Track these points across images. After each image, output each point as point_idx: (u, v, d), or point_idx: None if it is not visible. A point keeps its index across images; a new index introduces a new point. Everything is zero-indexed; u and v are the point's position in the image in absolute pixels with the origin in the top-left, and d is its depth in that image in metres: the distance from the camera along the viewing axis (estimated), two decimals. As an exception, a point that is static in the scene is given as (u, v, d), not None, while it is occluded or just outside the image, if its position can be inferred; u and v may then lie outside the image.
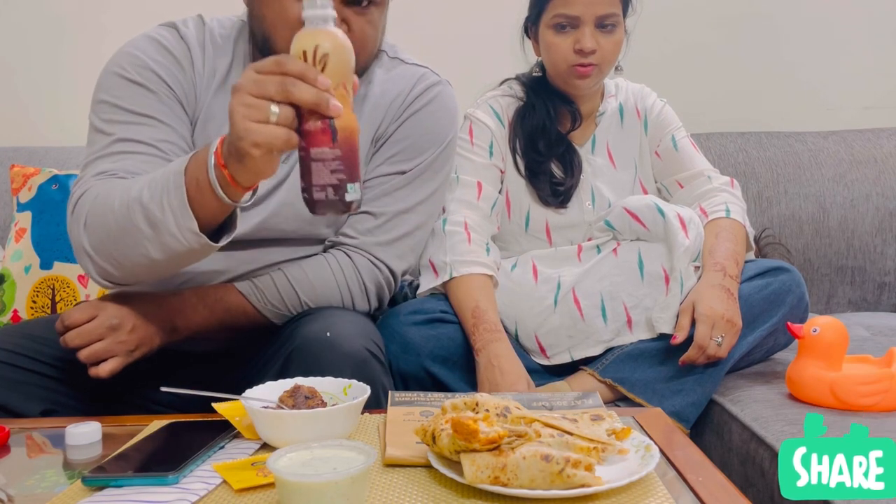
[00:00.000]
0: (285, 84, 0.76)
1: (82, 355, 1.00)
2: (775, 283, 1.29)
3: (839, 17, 2.08)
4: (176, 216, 0.89)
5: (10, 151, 1.97)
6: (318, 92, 0.76)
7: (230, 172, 0.84)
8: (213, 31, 1.15)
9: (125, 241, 0.95)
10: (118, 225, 0.94)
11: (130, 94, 1.08)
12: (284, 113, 0.77)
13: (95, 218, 0.98)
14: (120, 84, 1.08)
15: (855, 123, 2.02)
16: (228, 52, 1.14)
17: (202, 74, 1.12)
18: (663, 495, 0.70)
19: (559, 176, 1.43)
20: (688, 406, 1.23)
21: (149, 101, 1.08)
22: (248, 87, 0.78)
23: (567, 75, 1.38)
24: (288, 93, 0.76)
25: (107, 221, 0.96)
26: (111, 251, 0.97)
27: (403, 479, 0.75)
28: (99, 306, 1.02)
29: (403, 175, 1.18)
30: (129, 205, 0.93)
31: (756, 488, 1.07)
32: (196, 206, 0.88)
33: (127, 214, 0.93)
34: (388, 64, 1.21)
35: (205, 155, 0.87)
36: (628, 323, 1.29)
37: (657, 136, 1.49)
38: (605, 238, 1.38)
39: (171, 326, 1.07)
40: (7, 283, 1.72)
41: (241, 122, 0.78)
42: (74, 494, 0.73)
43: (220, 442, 0.84)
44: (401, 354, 1.23)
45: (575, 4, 1.33)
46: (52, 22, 2.12)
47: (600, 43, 1.34)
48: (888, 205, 1.84)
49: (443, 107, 1.21)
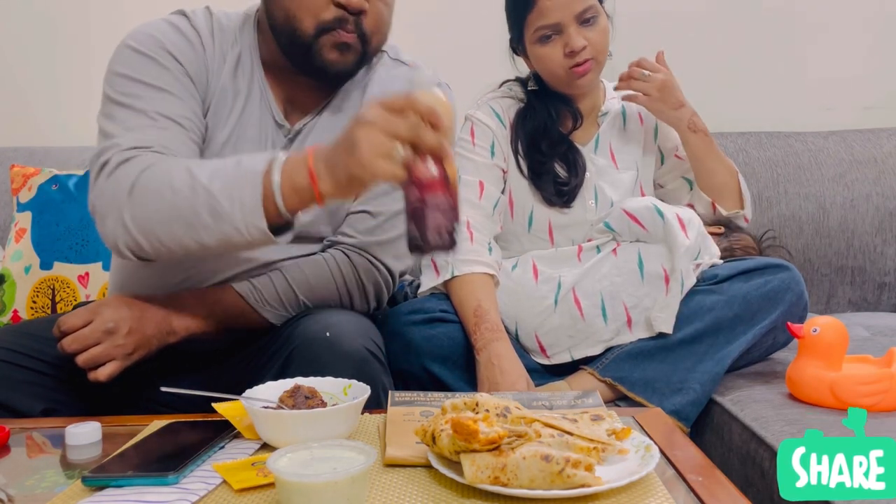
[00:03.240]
0: (415, 128, 0.82)
1: (80, 360, 1.00)
2: (774, 281, 1.29)
3: (839, 18, 2.08)
4: (245, 213, 0.91)
5: (10, 151, 1.98)
6: (440, 139, 0.82)
7: (320, 188, 0.88)
8: (221, 21, 1.16)
9: (178, 222, 0.94)
10: (174, 205, 0.94)
11: (148, 68, 1.07)
12: (406, 154, 0.83)
13: (146, 192, 0.96)
14: (137, 59, 1.08)
15: (855, 123, 2.02)
16: (237, 41, 1.15)
17: (213, 58, 1.13)
18: (663, 495, 0.70)
19: (563, 176, 1.43)
20: (688, 405, 1.23)
21: (165, 76, 1.07)
22: (380, 124, 0.83)
23: (567, 79, 1.38)
24: (416, 136, 0.82)
25: (162, 198, 0.95)
26: (155, 228, 0.96)
27: (403, 479, 0.75)
28: (95, 311, 1.02)
29: None
30: (193, 188, 0.93)
31: (756, 488, 1.07)
32: (267, 206, 0.91)
33: (190, 197, 0.93)
34: (390, 64, 1.22)
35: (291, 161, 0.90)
36: (628, 323, 1.29)
37: (670, 145, 1.52)
38: (604, 239, 1.38)
39: (169, 328, 1.07)
40: (7, 283, 1.72)
41: (369, 154, 0.83)
42: (74, 494, 0.73)
43: (220, 442, 0.84)
44: (401, 354, 1.23)
45: (551, 12, 1.34)
46: (53, 22, 2.12)
47: (588, 37, 1.35)
48: (888, 205, 1.84)
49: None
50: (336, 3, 1.04)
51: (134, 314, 1.04)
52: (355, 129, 0.84)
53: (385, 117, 0.83)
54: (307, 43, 1.06)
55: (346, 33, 1.06)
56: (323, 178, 0.88)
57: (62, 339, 1.00)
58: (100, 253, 1.71)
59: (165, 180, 0.95)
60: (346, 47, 1.07)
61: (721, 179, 1.46)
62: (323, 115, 1.16)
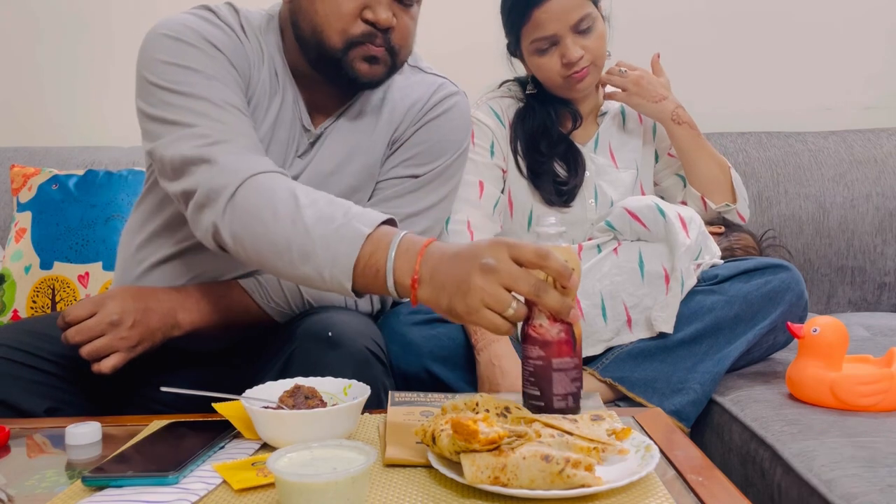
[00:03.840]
0: (538, 287, 0.77)
1: (84, 352, 1.00)
2: (774, 281, 1.29)
3: (839, 18, 2.08)
4: (333, 268, 0.87)
5: (10, 151, 1.98)
6: (563, 298, 0.78)
7: (417, 293, 0.83)
8: (248, 18, 1.13)
9: (268, 246, 0.92)
10: (270, 230, 0.91)
11: (196, 56, 1.03)
12: (520, 311, 0.78)
13: (247, 204, 0.94)
14: (182, 47, 1.03)
15: (855, 123, 2.02)
16: (264, 41, 1.13)
17: (252, 52, 1.10)
18: (663, 495, 0.70)
19: (563, 175, 1.43)
20: (688, 405, 1.23)
21: (215, 65, 1.04)
22: (503, 276, 0.77)
23: (565, 86, 1.39)
24: (538, 296, 0.77)
25: (261, 219, 0.92)
26: (245, 240, 0.94)
27: (403, 479, 0.75)
28: (99, 302, 1.02)
29: (416, 179, 1.19)
30: (294, 222, 0.90)
31: (756, 488, 1.07)
32: (358, 271, 0.87)
33: (289, 230, 0.90)
34: (409, 71, 1.22)
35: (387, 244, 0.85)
36: (628, 322, 1.29)
37: (665, 145, 1.54)
38: (605, 238, 1.38)
39: (174, 322, 1.07)
40: (7, 283, 1.72)
41: (478, 304, 0.77)
42: (74, 494, 0.73)
43: (220, 442, 0.84)
44: (401, 354, 1.23)
45: (547, 24, 1.34)
46: (53, 22, 2.12)
47: (585, 45, 1.35)
48: (888, 205, 1.84)
49: (458, 116, 1.22)
50: (364, 20, 1.04)
51: (139, 306, 1.03)
52: (474, 270, 0.78)
53: (509, 269, 0.77)
54: (336, 57, 1.05)
55: (374, 47, 1.05)
56: (425, 287, 0.82)
57: (66, 329, 1.00)
58: (100, 253, 1.71)
59: (269, 201, 0.92)
60: (375, 60, 1.06)
61: (708, 172, 1.47)
62: (342, 118, 1.16)
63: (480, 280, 0.77)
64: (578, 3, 1.33)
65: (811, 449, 0.96)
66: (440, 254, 0.83)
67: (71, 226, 1.73)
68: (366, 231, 0.87)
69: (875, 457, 0.91)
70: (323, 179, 1.13)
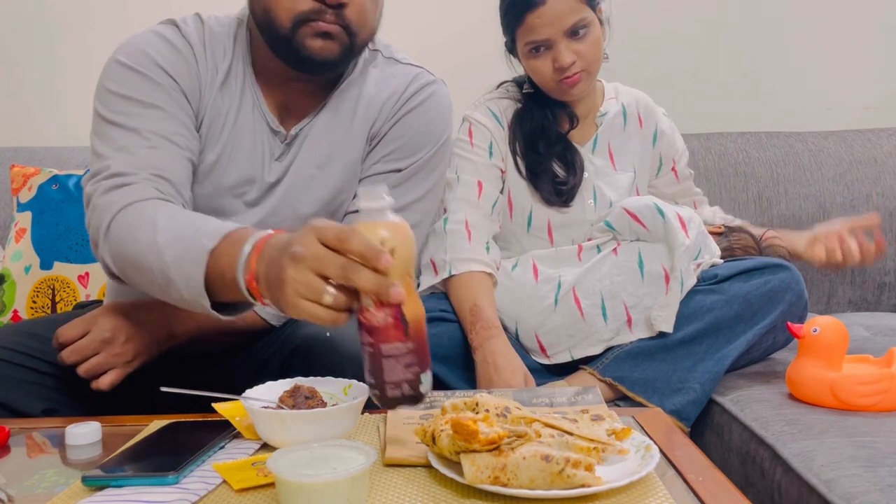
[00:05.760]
0: (346, 269, 0.69)
1: (81, 371, 1.00)
2: (774, 281, 1.29)
3: (839, 18, 2.08)
4: (188, 289, 0.85)
5: (10, 151, 1.98)
6: (379, 278, 0.69)
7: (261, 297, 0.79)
8: (213, 29, 1.14)
9: (140, 274, 0.93)
10: (136, 257, 0.92)
11: (139, 85, 1.05)
12: (339, 298, 0.71)
13: (118, 235, 0.95)
14: (128, 75, 1.06)
15: (855, 123, 2.03)
16: (228, 50, 1.13)
17: (206, 71, 1.11)
18: (663, 495, 0.70)
19: (561, 175, 1.43)
20: (688, 405, 1.24)
21: (157, 93, 1.06)
22: (310, 262, 0.70)
23: (558, 89, 1.39)
24: (348, 279, 0.69)
25: (127, 247, 0.93)
26: (126, 270, 0.96)
27: (403, 479, 0.75)
28: (91, 321, 1.02)
29: (399, 173, 1.17)
30: (150, 248, 0.89)
31: (756, 488, 1.07)
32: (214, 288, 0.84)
33: (147, 255, 0.90)
34: (383, 63, 1.20)
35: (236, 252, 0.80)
36: (628, 322, 1.29)
37: (669, 155, 1.54)
38: (605, 238, 1.38)
39: (168, 333, 1.07)
40: (7, 283, 1.72)
41: (292, 295, 0.71)
42: (74, 494, 0.73)
43: (220, 442, 0.84)
44: (401, 354, 1.23)
45: (541, 28, 1.33)
46: (53, 21, 2.13)
47: (578, 51, 1.34)
48: (888, 205, 1.84)
49: (437, 106, 1.20)
50: None
51: (130, 322, 1.03)
52: (285, 261, 0.72)
53: (315, 253, 0.70)
54: (286, 36, 1.04)
55: (325, 24, 1.03)
56: (262, 288, 0.78)
57: (61, 350, 1.00)
58: (100, 253, 1.71)
59: (132, 230, 0.93)
60: (328, 36, 1.04)
61: None
62: (320, 117, 1.15)
63: (292, 270, 0.71)
64: (573, 8, 1.32)
65: (811, 449, 0.96)
66: (271, 249, 0.77)
67: (71, 226, 1.73)
68: (209, 245, 0.83)
69: (875, 457, 0.91)
70: (306, 182, 1.13)
